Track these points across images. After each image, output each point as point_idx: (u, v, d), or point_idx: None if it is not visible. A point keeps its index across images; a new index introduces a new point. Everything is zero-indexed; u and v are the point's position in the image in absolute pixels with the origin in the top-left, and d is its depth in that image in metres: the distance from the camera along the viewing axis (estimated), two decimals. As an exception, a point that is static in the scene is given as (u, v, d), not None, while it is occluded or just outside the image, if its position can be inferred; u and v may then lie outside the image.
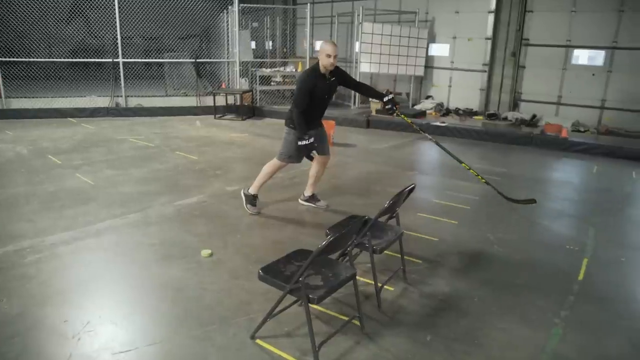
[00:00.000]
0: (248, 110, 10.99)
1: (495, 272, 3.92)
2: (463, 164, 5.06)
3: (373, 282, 3.28)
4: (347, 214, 5.02)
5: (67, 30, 12.07)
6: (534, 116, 10.65)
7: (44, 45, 12.48)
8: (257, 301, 3.28)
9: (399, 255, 3.70)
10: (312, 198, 5.25)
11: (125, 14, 10.35)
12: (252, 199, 4.97)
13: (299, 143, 4.45)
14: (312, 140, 4.40)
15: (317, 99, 4.53)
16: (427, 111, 11.61)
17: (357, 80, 5.15)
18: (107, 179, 5.96)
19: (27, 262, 3.74)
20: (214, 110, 10.72)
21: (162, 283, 3.50)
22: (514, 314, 3.30)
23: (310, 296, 2.52)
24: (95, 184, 5.73)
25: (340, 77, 4.68)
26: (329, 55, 4.34)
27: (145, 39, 13.77)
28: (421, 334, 3.02)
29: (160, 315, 3.10)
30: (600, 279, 3.87)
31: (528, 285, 3.71)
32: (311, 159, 4.76)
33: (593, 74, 10.33)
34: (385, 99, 4.78)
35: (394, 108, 4.80)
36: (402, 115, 4.96)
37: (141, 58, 12.58)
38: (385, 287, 3.46)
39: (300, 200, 5.28)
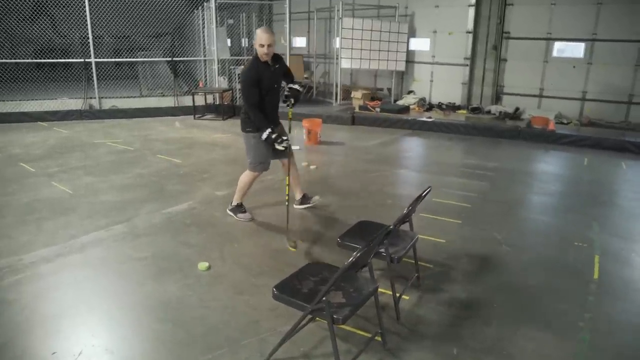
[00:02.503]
0: (228, 110, 10.63)
1: (509, 274, 3.76)
2: None
3: (389, 292, 3.06)
4: (345, 215, 4.84)
5: (31, 29, 11.42)
6: (517, 109, 10.63)
7: (7, 45, 11.81)
8: (266, 318, 3.02)
9: (411, 261, 3.49)
10: (305, 198, 5.01)
11: (94, 12, 9.84)
12: (239, 208, 4.69)
13: (263, 136, 4.20)
14: (275, 133, 4.19)
15: (266, 89, 4.24)
16: (411, 106, 11.46)
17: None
18: (86, 186, 5.57)
19: (5, 285, 3.38)
20: (193, 111, 10.33)
21: (159, 302, 3.20)
22: (537, 320, 3.13)
23: (334, 316, 2.28)
24: (74, 193, 5.34)
25: (283, 66, 4.43)
26: (262, 45, 4.07)
27: (116, 38, 13.24)
28: (447, 347, 2.82)
29: (161, 341, 2.80)
30: (616, 276, 3.75)
31: (544, 287, 3.56)
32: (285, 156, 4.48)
33: (574, 66, 10.36)
34: (290, 86, 4.50)
35: (291, 100, 4.51)
36: (290, 110, 4.59)
37: (111, 58, 12.05)
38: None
39: (295, 206, 5.01)
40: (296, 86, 4.52)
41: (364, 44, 11.43)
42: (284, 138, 4.24)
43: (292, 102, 4.54)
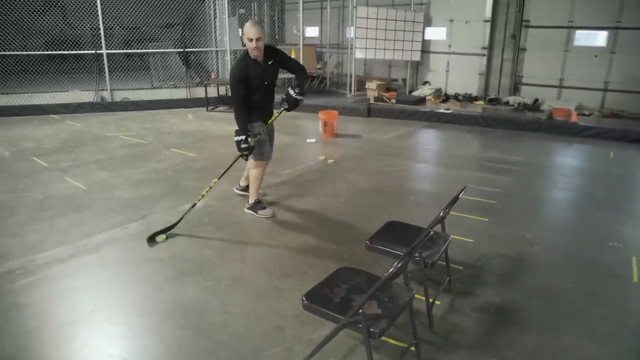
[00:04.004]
0: (241, 102, 10.44)
1: (542, 276, 3.57)
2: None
3: (421, 297, 2.89)
4: (368, 212, 4.66)
5: (42, 21, 11.30)
6: (536, 100, 10.34)
7: (18, 37, 11.71)
8: (292, 326, 2.87)
9: (442, 263, 3.30)
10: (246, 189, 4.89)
11: (105, 3, 9.67)
12: (257, 205, 4.55)
13: (235, 138, 4.04)
14: (250, 142, 4.02)
15: (254, 86, 4.05)
16: (426, 97, 11.20)
17: (300, 64, 4.61)
18: (100, 182, 5.44)
19: (17, 288, 3.25)
20: (206, 102, 10.16)
21: (179, 307, 3.05)
22: (577, 327, 2.95)
23: (371, 330, 2.11)
24: (88, 189, 5.21)
25: (279, 60, 4.19)
26: (250, 39, 3.86)
27: (126, 29, 13.06)
28: (484, 358, 2.64)
29: (182, 349, 2.66)
30: (658, 280, 3.54)
31: (581, 291, 3.37)
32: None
33: (596, 56, 10.03)
34: (290, 92, 4.22)
35: (285, 106, 4.28)
36: (276, 114, 4.39)
37: (122, 49, 11.88)
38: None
39: (235, 189, 5.04)
40: (297, 96, 4.23)
41: (379, 33, 11.17)
42: (250, 143, 4.04)
43: (286, 107, 4.31)
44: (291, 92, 4.23)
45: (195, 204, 4.36)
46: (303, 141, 7.66)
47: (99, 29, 9.64)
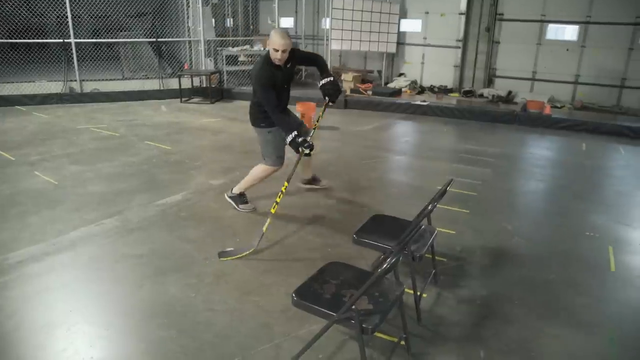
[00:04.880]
0: (217, 93, 10.26)
1: (525, 267, 3.62)
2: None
3: (409, 291, 2.87)
4: (350, 205, 4.62)
5: (3, 7, 10.78)
6: (510, 92, 10.49)
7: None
8: (279, 322, 2.81)
9: (427, 255, 3.29)
10: (314, 180, 5.00)
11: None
12: (240, 198, 4.43)
13: (287, 139, 3.92)
14: (301, 137, 3.87)
15: (277, 91, 3.94)
16: (402, 89, 11.23)
17: (313, 52, 4.56)
18: (72, 176, 5.23)
19: (-11, 289, 3.09)
20: (179, 94, 9.92)
21: (160, 305, 2.95)
22: (561, 317, 3.00)
23: (364, 326, 2.08)
24: (59, 184, 5.01)
25: (297, 60, 4.11)
26: (276, 50, 3.73)
27: (94, 18, 12.61)
28: (472, 350, 2.66)
29: (167, 350, 2.57)
30: (633, 268, 3.64)
31: (562, 281, 3.43)
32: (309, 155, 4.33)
33: (567, 49, 10.24)
34: (325, 80, 4.16)
35: (326, 99, 4.22)
36: (321, 111, 4.38)
37: (90, 38, 11.46)
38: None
39: (300, 184, 5.01)
40: (330, 80, 4.11)
41: (355, 24, 11.12)
42: (308, 140, 3.91)
43: (327, 101, 4.23)
44: (325, 82, 4.13)
45: (272, 213, 3.91)
46: (281, 133, 7.57)
47: (66, 17, 9.26)
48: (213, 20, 12.05)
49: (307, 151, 3.97)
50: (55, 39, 9.74)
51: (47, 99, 9.20)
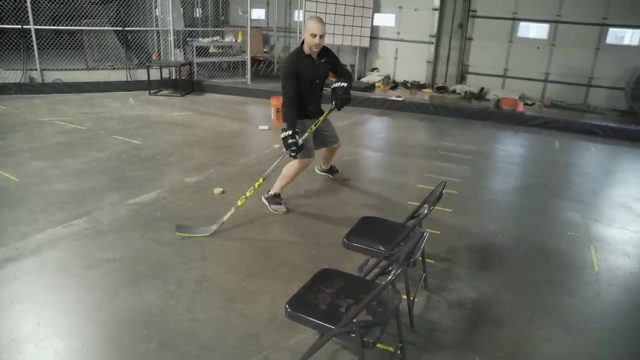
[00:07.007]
0: (187, 85, 9.92)
1: (512, 268, 3.59)
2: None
3: (404, 297, 2.78)
4: (334, 205, 4.49)
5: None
6: (482, 89, 10.60)
7: None
8: (266, 331, 2.67)
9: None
10: (331, 170, 5.22)
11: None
12: (275, 199, 4.32)
13: (281, 135, 3.95)
14: (299, 141, 3.93)
15: (305, 83, 4.03)
16: (376, 84, 11.17)
17: (349, 71, 4.64)
18: (35, 173, 4.90)
19: (-55, 299, 2.81)
20: (148, 85, 9.53)
21: (138, 315, 2.75)
22: (551, 319, 2.97)
23: (365, 339, 1.96)
24: (21, 181, 4.67)
25: (332, 60, 4.21)
26: (313, 35, 3.88)
27: (54, 3, 11.99)
28: (467, 357, 2.58)
29: (147, 364, 2.39)
30: (615, 268, 3.66)
31: (549, 282, 3.42)
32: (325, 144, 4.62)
33: (538, 47, 10.41)
34: (339, 84, 4.17)
35: (332, 105, 4.22)
36: (325, 113, 4.34)
37: (49, 25, 10.85)
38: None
39: (317, 170, 5.27)
40: (344, 86, 4.14)
41: (328, 17, 10.95)
42: (298, 144, 3.89)
43: (332, 107, 4.23)
44: (338, 84, 4.16)
45: (238, 205, 3.95)
46: (255, 128, 7.38)
47: (24, 1, 8.72)
48: (181, 9, 11.66)
49: (289, 153, 3.96)
50: (12, 24, 9.15)
51: (4, 88, 8.63)
